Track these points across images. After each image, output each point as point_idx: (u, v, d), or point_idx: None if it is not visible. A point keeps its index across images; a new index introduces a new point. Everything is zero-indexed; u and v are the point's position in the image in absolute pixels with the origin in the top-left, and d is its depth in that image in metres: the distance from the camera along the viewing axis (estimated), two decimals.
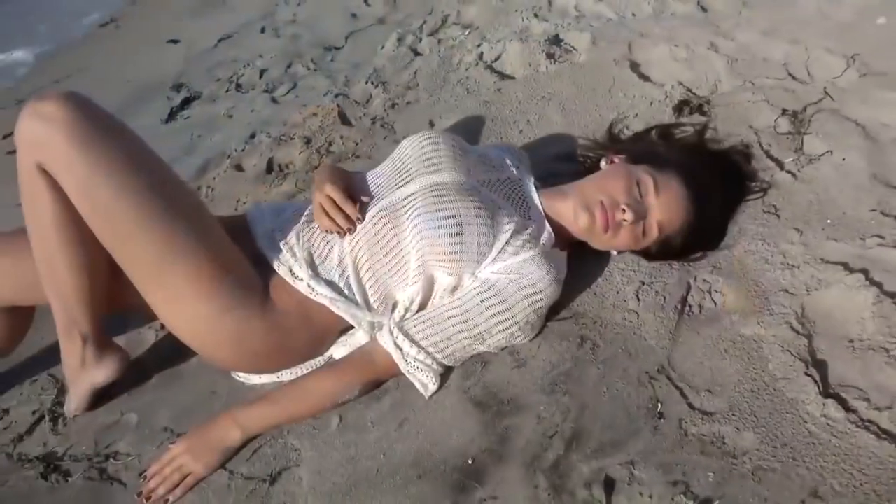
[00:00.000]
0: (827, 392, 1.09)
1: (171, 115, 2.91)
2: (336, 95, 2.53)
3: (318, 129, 2.34)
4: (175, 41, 4.13)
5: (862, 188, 1.44)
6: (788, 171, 1.56)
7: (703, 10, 2.49)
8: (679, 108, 1.88)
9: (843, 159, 1.53)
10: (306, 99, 2.63)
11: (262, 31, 3.69)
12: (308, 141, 2.28)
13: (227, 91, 2.99)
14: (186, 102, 3.00)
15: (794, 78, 1.92)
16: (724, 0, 2.51)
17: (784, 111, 1.75)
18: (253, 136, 2.46)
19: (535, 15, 2.73)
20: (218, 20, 4.26)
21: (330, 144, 2.23)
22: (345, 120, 2.37)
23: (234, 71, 3.18)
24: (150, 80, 3.63)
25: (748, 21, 2.31)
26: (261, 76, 3.02)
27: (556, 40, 2.45)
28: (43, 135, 1.17)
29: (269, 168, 2.22)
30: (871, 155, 1.52)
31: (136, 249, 1.22)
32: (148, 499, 1.24)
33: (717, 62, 2.06)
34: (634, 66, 2.17)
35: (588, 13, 2.67)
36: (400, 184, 1.37)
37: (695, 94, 1.94)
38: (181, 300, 1.26)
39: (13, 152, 3.54)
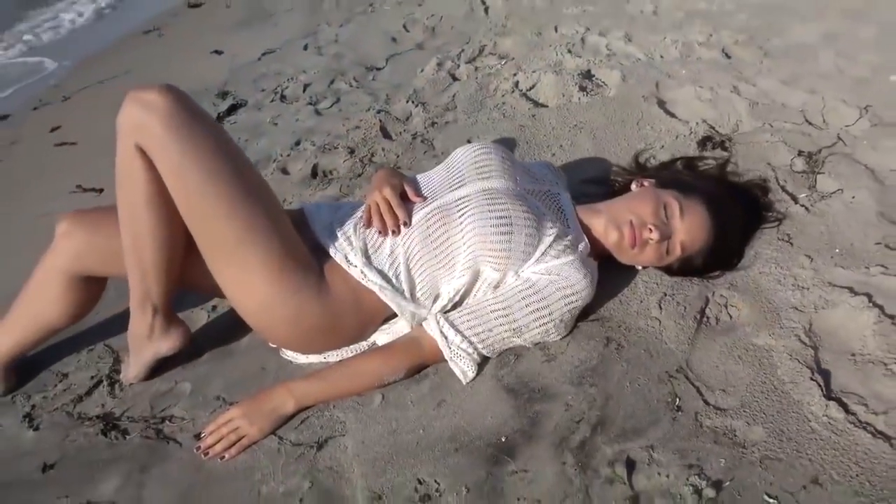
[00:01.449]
0: (829, 396, 1.21)
1: (219, 120, 3.07)
2: (378, 111, 2.70)
3: (360, 141, 2.50)
4: (219, 52, 4.33)
5: (869, 224, 1.58)
6: (802, 205, 1.70)
7: (727, 56, 2.66)
8: (703, 142, 2.03)
9: (853, 197, 1.67)
10: (349, 113, 2.80)
11: (305, 48, 3.89)
12: (352, 151, 2.43)
13: (271, 101, 3.16)
14: (232, 109, 3.17)
15: (810, 123, 2.07)
16: (747, 49, 2.69)
17: (800, 152, 1.91)
18: (298, 143, 2.62)
19: (569, 51, 2.91)
20: (261, 36, 4.47)
21: (372, 155, 2.39)
22: (386, 134, 2.53)
23: (279, 83, 3.36)
24: (194, 86, 3.81)
25: (769, 70, 2.48)
26: (304, 90, 3.20)
27: (587, 75, 2.62)
28: (143, 120, 1.32)
29: (314, 173, 2.37)
30: (878, 195, 1.66)
31: (216, 229, 1.36)
32: (206, 454, 1.36)
33: (739, 104, 2.22)
34: (661, 104, 2.33)
35: (618, 52, 2.84)
36: (453, 187, 1.51)
37: (717, 131, 2.10)
38: (250, 279, 1.40)
39: (60, 144, 3.69)
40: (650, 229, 1.45)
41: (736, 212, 1.57)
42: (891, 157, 1.82)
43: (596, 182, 1.94)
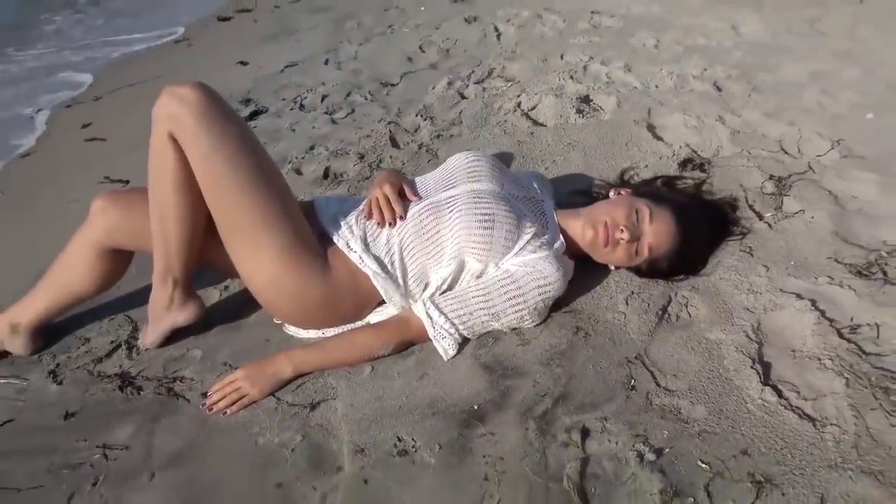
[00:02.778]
0: (767, 383, 1.36)
1: None
2: (389, 122, 2.89)
3: (370, 148, 2.69)
4: (244, 63, 4.57)
5: (823, 241, 1.74)
6: (766, 223, 1.86)
7: (718, 89, 2.84)
8: (683, 164, 2.20)
9: (812, 217, 1.83)
10: (362, 123, 3.00)
11: (326, 63, 4.11)
12: (361, 156, 2.62)
13: (291, 109, 3.37)
14: (254, 114, 3.38)
15: (785, 152, 2.24)
16: (737, 83, 2.87)
17: (771, 176, 2.07)
18: (312, 147, 2.81)
19: (571, 77, 3.11)
20: (285, 50, 4.71)
21: (380, 162, 2.57)
22: (395, 143, 2.72)
23: (299, 93, 3.57)
24: (219, 92, 4.04)
25: (755, 103, 2.66)
26: (322, 100, 3.41)
27: (586, 99, 2.81)
28: (177, 111, 1.51)
29: (326, 175, 2.56)
30: (836, 217, 1.82)
31: (235, 212, 1.54)
32: (210, 409, 1.53)
33: (722, 132, 2.39)
34: (651, 128, 2.51)
35: (617, 81, 3.03)
36: (446, 187, 1.69)
37: (699, 154, 2.27)
38: (261, 257, 1.57)
39: (91, 140, 3.90)
40: (621, 230, 1.61)
41: (702, 223, 1.73)
42: (854, 186, 1.98)
43: (582, 193, 2.11)
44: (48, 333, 1.88)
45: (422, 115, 2.93)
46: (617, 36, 3.77)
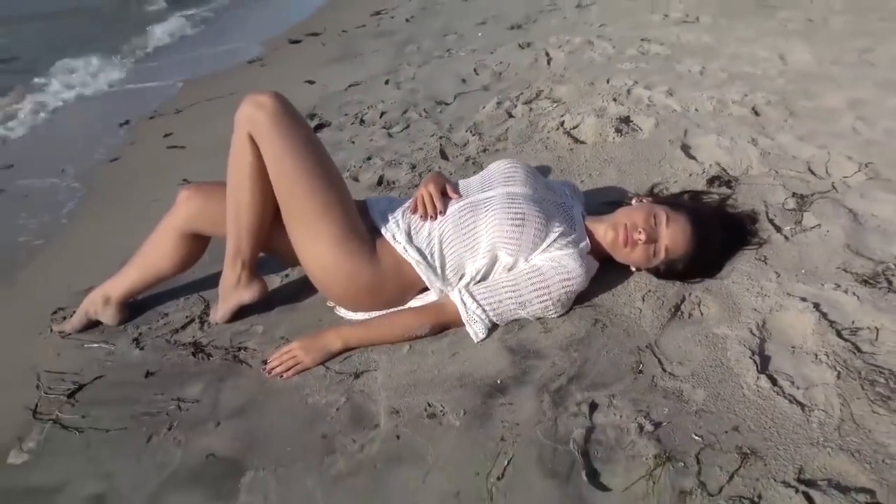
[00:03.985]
0: (763, 372, 1.49)
1: None
2: (440, 137, 3.13)
3: (422, 159, 2.92)
4: (311, 82, 4.92)
5: (835, 252, 1.85)
6: (784, 235, 1.99)
7: (756, 114, 2.96)
8: (711, 180, 2.34)
9: (827, 231, 1.94)
10: (415, 137, 3.24)
11: (386, 83, 4.40)
12: (413, 166, 2.86)
13: (352, 123, 3.65)
14: (318, 128, 3.67)
15: (812, 173, 2.35)
16: (775, 109, 2.99)
17: (794, 194, 2.19)
18: (369, 157, 3.07)
19: (614, 99, 3.28)
20: (349, 70, 5.04)
21: (429, 171, 2.80)
22: (444, 156, 2.94)
23: (360, 110, 3.86)
24: None
25: (790, 127, 2.77)
26: (381, 116, 3.68)
27: (626, 120, 2.98)
28: (256, 115, 1.77)
29: (380, 182, 2.80)
30: (851, 233, 1.93)
31: (299, 203, 1.78)
32: (269, 374, 1.76)
33: (752, 153, 2.52)
34: (685, 148, 2.66)
35: (658, 104, 3.19)
36: (484, 189, 1.89)
37: (727, 172, 2.40)
38: (320, 244, 1.80)
39: (172, 147, 4.29)
40: (639, 231, 1.77)
41: (717, 230, 1.87)
42: (875, 205, 2.08)
43: (612, 204, 2.26)
44: (133, 308, 2.16)
45: (471, 131, 3.15)
46: (664, 62, 3.92)
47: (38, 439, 1.68)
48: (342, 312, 1.97)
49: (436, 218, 1.87)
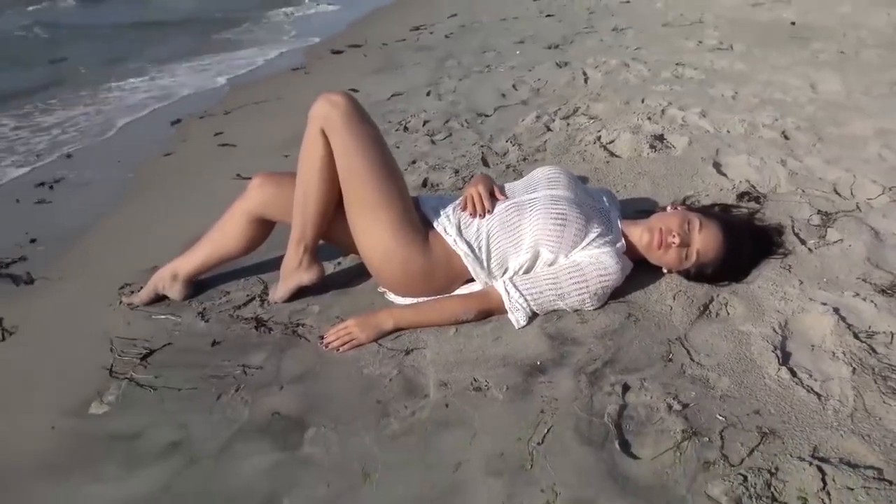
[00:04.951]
0: (784, 365, 1.63)
1: None
2: (481, 146, 3.30)
3: (464, 165, 3.10)
4: (355, 90, 5.13)
5: (856, 265, 1.98)
6: (808, 248, 2.12)
7: (786, 137, 3.10)
8: (740, 196, 2.48)
9: (850, 245, 2.07)
10: (458, 145, 3.42)
11: (428, 94, 4.61)
12: (456, 171, 3.03)
13: (396, 130, 3.84)
14: None
15: (838, 194, 2.48)
16: (805, 134, 3.12)
17: (819, 211, 2.32)
18: (414, 161, 3.25)
19: (649, 118, 3.43)
20: (391, 81, 5.26)
21: (471, 176, 2.97)
22: (485, 163, 3.12)
23: (403, 118, 4.06)
24: None
25: (818, 151, 2.90)
26: (423, 124, 3.87)
27: (660, 137, 3.13)
28: (328, 112, 1.95)
29: (424, 184, 2.98)
30: (871, 247, 2.06)
31: (362, 194, 1.96)
32: (326, 347, 1.92)
33: (781, 173, 2.65)
34: (716, 165, 2.80)
35: (691, 124, 3.34)
36: (529, 192, 2.05)
37: (756, 189, 2.54)
38: (378, 232, 1.97)
39: (223, 145, 4.53)
40: (674, 235, 1.92)
41: (746, 239, 2.01)
42: None
43: (645, 213, 2.42)
44: (197, 286, 2.34)
45: (511, 142, 3.32)
46: (697, 86, 4.07)
47: (117, 394, 1.87)
48: (392, 297, 2.13)
49: (484, 216, 2.03)
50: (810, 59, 4.61)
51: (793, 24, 5.89)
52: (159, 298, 2.30)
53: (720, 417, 1.50)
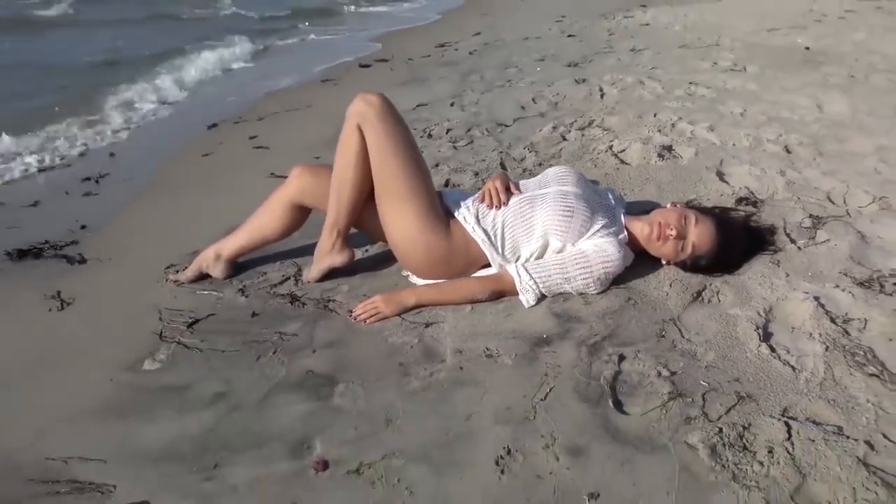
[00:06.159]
0: (765, 342, 1.81)
1: None
2: (500, 152, 3.53)
3: (483, 168, 3.33)
4: None
5: (839, 261, 2.17)
6: (797, 247, 2.30)
7: (788, 151, 3.29)
8: (739, 200, 2.67)
9: (835, 245, 2.26)
10: (478, 151, 3.65)
11: (451, 105, 4.86)
12: (476, 174, 3.26)
13: (420, 137, 4.08)
14: None
15: (831, 201, 2.67)
16: (806, 149, 3.31)
17: (811, 216, 2.51)
18: (437, 164, 3.48)
19: (659, 131, 3.64)
20: (416, 93, 5.52)
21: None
22: (503, 167, 3.34)
23: (427, 126, 4.30)
24: None
25: (818, 164, 3.09)
26: (446, 132, 4.11)
27: (668, 148, 3.33)
28: (365, 110, 2.19)
29: (446, 184, 3.20)
30: (855, 246, 2.24)
31: (392, 182, 2.19)
32: (354, 319, 2.14)
33: (780, 182, 2.84)
34: (719, 174, 3.00)
35: (699, 137, 3.54)
36: (541, 187, 2.27)
37: (755, 195, 2.73)
38: (405, 218, 2.19)
39: (258, 147, 4.82)
40: (671, 228, 2.12)
41: (740, 235, 2.21)
42: (882, 229, 2.39)
43: (648, 211, 2.62)
44: (237, 266, 2.58)
45: (528, 149, 3.55)
46: (708, 103, 4.27)
47: (167, 353, 2.10)
48: (414, 280, 2.35)
49: (500, 207, 2.25)
50: (821, 81, 4.80)
51: (807, 48, 6.08)
52: (203, 277, 2.54)
53: (703, 383, 1.69)
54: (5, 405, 1.90)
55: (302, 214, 2.45)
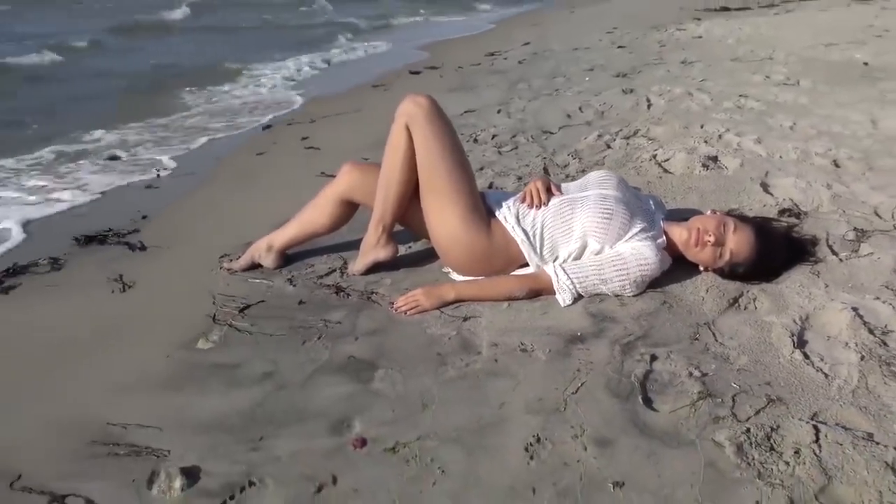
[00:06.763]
0: (799, 348, 1.82)
1: None
2: (544, 158, 3.59)
3: (527, 173, 3.39)
4: None
5: (881, 274, 2.15)
6: (839, 259, 2.30)
7: (837, 165, 3.25)
8: (782, 212, 2.67)
9: (878, 258, 2.24)
10: (523, 156, 3.72)
11: (498, 112, 4.94)
12: (519, 178, 3.33)
13: (466, 141, 4.17)
14: None
15: (877, 216, 2.64)
16: (856, 164, 3.27)
17: (856, 229, 2.49)
18: (481, 168, 3.56)
19: (705, 142, 3.64)
20: (464, 99, 5.63)
21: None
22: (546, 172, 3.40)
23: (474, 131, 4.39)
24: None
25: (867, 179, 3.05)
26: (492, 138, 4.19)
27: (713, 158, 3.34)
28: (413, 111, 2.29)
29: (490, 187, 3.28)
30: None
31: (437, 181, 2.27)
32: (396, 311, 2.23)
33: (825, 195, 2.82)
34: (763, 185, 2.99)
35: (745, 149, 3.53)
36: (582, 190, 2.33)
37: (798, 207, 2.72)
38: (449, 216, 2.28)
39: (309, 148, 5.00)
40: (709, 234, 2.15)
41: (779, 244, 2.22)
42: None
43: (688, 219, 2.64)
44: (286, 257, 2.70)
45: (572, 156, 3.60)
46: (757, 116, 4.24)
47: (220, 334, 2.22)
48: (455, 276, 2.43)
49: (540, 207, 2.31)
50: (877, 97, 4.69)
51: (865, 64, 5.95)
52: (254, 266, 2.67)
53: (734, 385, 1.72)
54: (74, 374, 2.05)
55: (350, 210, 2.56)
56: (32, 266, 2.89)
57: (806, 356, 1.80)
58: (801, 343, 1.86)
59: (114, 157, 4.86)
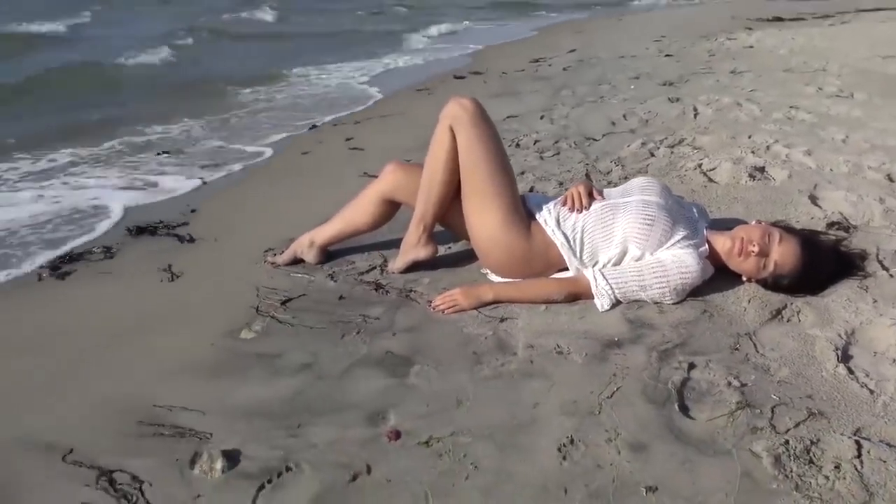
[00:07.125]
0: (843, 363, 1.78)
1: None
2: (586, 164, 3.58)
3: (568, 179, 3.39)
4: None
5: None
6: (889, 274, 2.23)
7: (891, 179, 3.16)
8: (830, 225, 2.61)
9: None
10: (564, 162, 3.72)
11: (541, 117, 4.94)
12: (560, 183, 3.33)
13: (508, 146, 4.16)
14: None
15: None
16: None
17: None
18: (522, 172, 3.57)
19: (752, 152, 3.58)
20: (508, 104, 5.64)
21: None
22: (588, 177, 3.38)
23: (516, 137, 4.40)
24: None
25: None
26: (534, 143, 4.19)
27: (760, 169, 3.28)
28: (458, 113, 2.32)
29: (530, 191, 3.29)
30: None
31: (479, 182, 2.30)
32: (434, 309, 2.26)
33: (877, 209, 2.75)
34: (812, 197, 2.93)
35: (794, 160, 3.45)
36: (625, 196, 2.32)
37: (848, 221, 2.65)
38: (489, 218, 2.30)
39: (353, 149, 5.09)
40: (754, 244, 2.12)
41: (826, 257, 2.17)
42: None
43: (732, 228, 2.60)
44: (328, 254, 2.76)
45: (614, 163, 3.58)
46: (808, 128, 4.14)
47: (262, 325, 2.28)
48: (493, 277, 2.44)
49: (581, 212, 2.32)
50: None
51: None
52: (297, 261, 2.74)
53: (774, 397, 1.69)
54: (123, 357, 2.14)
55: (391, 209, 2.61)
56: (87, 254, 3.02)
57: (850, 371, 1.76)
58: (845, 357, 1.82)
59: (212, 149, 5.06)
